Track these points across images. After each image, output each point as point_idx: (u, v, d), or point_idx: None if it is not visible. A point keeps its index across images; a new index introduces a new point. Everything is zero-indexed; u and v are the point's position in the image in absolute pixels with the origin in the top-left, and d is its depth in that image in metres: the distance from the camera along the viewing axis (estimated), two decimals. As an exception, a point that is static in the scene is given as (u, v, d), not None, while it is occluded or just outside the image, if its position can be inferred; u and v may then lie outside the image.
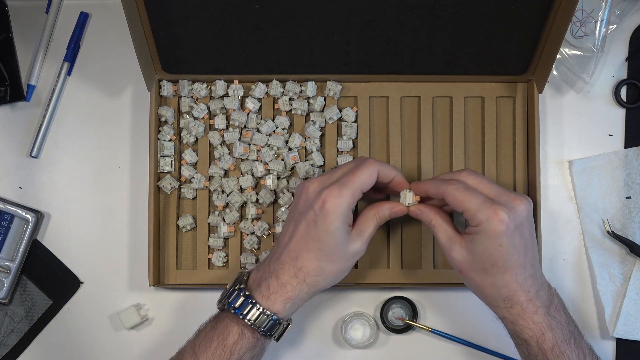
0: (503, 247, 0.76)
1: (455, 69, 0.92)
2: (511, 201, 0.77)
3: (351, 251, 0.80)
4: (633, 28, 0.97)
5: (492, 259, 0.77)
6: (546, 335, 0.78)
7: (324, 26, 0.86)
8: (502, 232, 0.75)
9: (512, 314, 0.79)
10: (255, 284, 0.80)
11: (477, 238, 0.76)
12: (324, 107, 0.94)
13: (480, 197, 0.77)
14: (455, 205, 0.78)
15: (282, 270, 0.79)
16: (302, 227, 0.79)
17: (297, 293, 0.79)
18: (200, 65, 0.91)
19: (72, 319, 0.96)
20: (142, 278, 0.93)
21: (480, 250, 0.77)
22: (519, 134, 0.94)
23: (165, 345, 0.95)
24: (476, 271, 0.78)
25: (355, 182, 0.78)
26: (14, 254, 0.94)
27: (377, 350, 0.95)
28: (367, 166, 0.80)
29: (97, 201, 0.96)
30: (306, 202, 0.79)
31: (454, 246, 0.79)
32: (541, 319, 0.78)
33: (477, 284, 0.79)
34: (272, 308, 0.78)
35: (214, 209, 0.94)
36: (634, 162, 0.95)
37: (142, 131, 0.96)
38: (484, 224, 0.76)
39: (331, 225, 0.77)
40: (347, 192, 0.78)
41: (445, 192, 0.78)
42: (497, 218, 0.75)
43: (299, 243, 0.79)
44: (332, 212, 0.77)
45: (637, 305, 0.93)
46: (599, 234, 0.95)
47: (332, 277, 0.80)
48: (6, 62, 0.95)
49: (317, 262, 0.79)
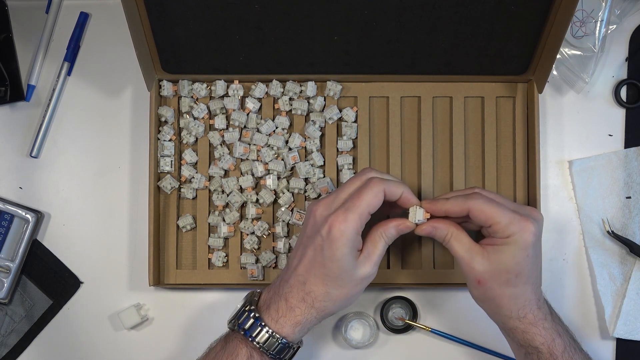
0: (530, 257, 0.77)
1: (455, 69, 0.92)
2: (531, 212, 0.79)
3: (360, 276, 0.78)
4: (633, 28, 0.97)
5: (519, 269, 0.77)
6: (556, 340, 0.79)
7: (324, 26, 0.86)
8: (532, 243, 0.77)
9: (525, 323, 0.79)
10: (265, 306, 0.80)
11: (507, 249, 0.76)
12: (324, 107, 0.94)
13: (508, 210, 0.77)
14: (484, 219, 0.77)
15: (290, 294, 0.79)
16: (309, 251, 0.78)
17: (305, 317, 0.78)
18: (200, 65, 0.91)
19: (72, 319, 0.96)
20: (142, 278, 0.93)
21: (507, 260, 0.77)
22: (519, 134, 0.94)
23: (165, 345, 0.95)
24: (497, 282, 0.78)
25: (361, 206, 0.76)
26: (14, 254, 0.94)
27: (377, 350, 0.95)
28: (371, 187, 0.77)
29: (97, 201, 0.96)
30: (314, 226, 0.78)
31: (474, 257, 0.78)
32: (550, 325, 0.79)
33: (495, 295, 0.79)
34: (281, 331, 0.78)
35: (214, 209, 0.94)
36: (634, 162, 0.95)
37: (142, 131, 0.96)
38: (516, 236, 0.76)
39: (337, 251, 0.76)
40: (353, 217, 0.76)
41: (472, 207, 0.77)
42: (529, 230, 0.76)
43: (307, 268, 0.78)
44: (338, 239, 0.76)
45: (637, 305, 0.93)
46: (599, 234, 0.95)
47: (340, 302, 0.79)
48: (6, 62, 0.95)
49: (324, 287, 0.78)
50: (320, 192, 0.92)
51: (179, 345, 0.95)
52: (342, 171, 0.93)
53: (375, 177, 0.79)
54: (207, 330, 0.95)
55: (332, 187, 0.92)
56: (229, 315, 0.81)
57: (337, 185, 0.93)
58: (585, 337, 0.94)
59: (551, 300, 0.89)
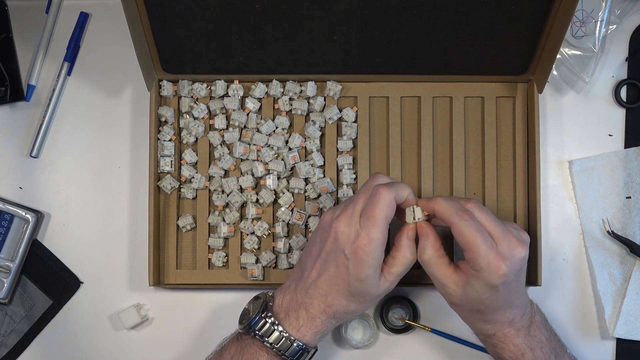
0: (499, 293, 0.76)
1: (455, 69, 0.92)
2: (513, 248, 0.75)
3: (381, 291, 0.79)
4: (633, 28, 0.97)
5: (487, 303, 0.77)
6: (526, 355, 0.80)
7: (324, 26, 0.86)
8: (500, 283, 0.75)
9: (493, 339, 0.81)
10: (283, 313, 0.80)
11: (475, 283, 0.76)
12: (324, 107, 0.94)
13: (487, 242, 0.75)
14: (461, 242, 0.75)
15: (311, 305, 0.79)
16: (331, 268, 0.78)
17: (327, 327, 0.80)
18: (200, 65, 0.91)
19: (72, 319, 0.96)
20: (142, 278, 0.93)
21: (476, 296, 0.76)
22: (519, 134, 0.94)
23: (165, 345, 0.95)
24: (468, 308, 0.79)
25: (380, 221, 0.76)
26: (14, 254, 0.94)
27: (377, 350, 0.95)
28: (383, 198, 0.76)
29: (97, 201, 0.96)
30: (335, 242, 0.77)
31: (448, 284, 0.78)
32: (521, 340, 0.80)
33: (466, 317, 0.82)
34: (303, 339, 0.79)
35: (214, 209, 0.94)
36: (634, 162, 0.95)
37: (142, 131, 0.96)
38: (484, 272, 0.74)
39: (363, 273, 0.76)
40: (377, 237, 0.75)
41: (454, 225, 0.76)
42: (498, 272, 0.74)
43: (329, 283, 0.78)
44: (364, 260, 0.76)
45: (637, 305, 0.93)
46: (599, 234, 0.95)
47: (359, 312, 0.81)
48: (6, 62, 0.95)
49: (345, 301, 0.79)
50: (320, 192, 0.92)
51: (179, 345, 0.95)
52: (342, 171, 0.93)
53: (382, 186, 0.77)
54: (208, 330, 0.95)
55: (332, 187, 0.92)
56: (229, 315, 0.81)
57: (337, 185, 0.93)
58: (585, 337, 0.94)
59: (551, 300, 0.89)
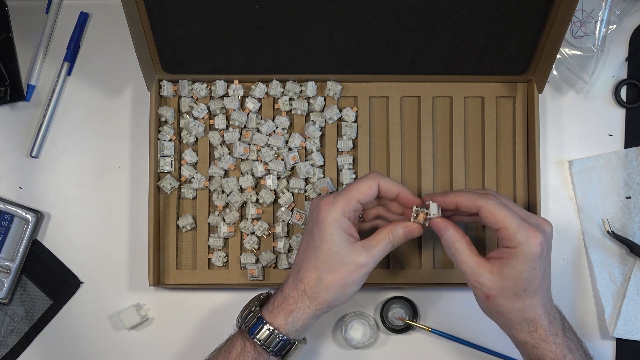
0: (537, 270, 0.75)
1: (455, 69, 0.92)
2: (541, 224, 0.76)
3: (353, 261, 0.78)
4: (633, 28, 0.97)
5: (526, 283, 0.76)
6: (567, 357, 0.78)
7: (324, 26, 0.86)
8: (539, 255, 0.75)
9: (535, 337, 0.78)
10: (268, 301, 0.82)
11: (513, 262, 0.75)
12: (324, 107, 0.94)
13: (517, 217, 0.75)
14: (493, 221, 0.75)
15: (286, 284, 0.80)
16: (304, 239, 0.81)
17: (298, 306, 0.79)
18: (200, 65, 0.91)
19: (72, 319, 0.96)
20: (142, 278, 0.93)
21: (515, 274, 0.75)
22: (519, 134, 0.94)
23: (165, 345, 0.95)
24: (506, 296, 0.77)
25: (350, 191, 0.79)
26: (14, 254, 0.94)
27: (377, 350, 0.95)
28: (367, 177, 0.80)
29: (97, 201, 0.96)
30: (309, 216, 0.81)
31: (482, 272, 0.76)
32: (561, 340, 0.78)
33: (504, 309, 0.78)
34: (275, 322, 0.79)
35: (214, 209, 0.94)
36: (634, 162, 0.95)
37: (142, 131, 0.96)
38: (522, 246, 0.74)
39: (325, 231, 0.78)
40: (341, 200, 0.78)
41: (482, 207, 0.76)
42: (536, 241, 0.74)
43: (301, 255, 0.80)
44: (324, 219, 0.78)
45: (637, 305, 0.93)
46: (599, 234, 0.95)
47: (333, 290, 0.78)
48: (6, 62, 0.95)
49: (315, 271, 0.78)
50: (320, 192, 0.92)
51: (179, 345, 0.95)
52: (342, 171, 0.93)
53: (376, 172, 0.80)
54: (207, 330, 0.95)
55: (332, 187, 0.92)
56: (229, 315, 0.81)
57: (337, 185, 0.93)
58: (585, 337, 0.94)
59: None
